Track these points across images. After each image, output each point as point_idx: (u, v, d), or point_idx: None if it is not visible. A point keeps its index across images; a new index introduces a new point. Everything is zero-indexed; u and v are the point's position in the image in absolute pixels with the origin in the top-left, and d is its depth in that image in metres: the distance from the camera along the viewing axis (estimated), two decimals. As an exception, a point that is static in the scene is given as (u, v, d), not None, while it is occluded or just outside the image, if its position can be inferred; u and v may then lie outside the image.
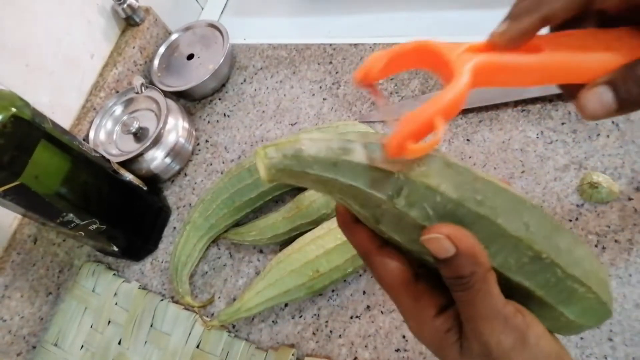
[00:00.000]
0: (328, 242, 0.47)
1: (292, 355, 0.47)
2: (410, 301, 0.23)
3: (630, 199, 0.44)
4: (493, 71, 0.21)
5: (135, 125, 0.62)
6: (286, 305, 0.51)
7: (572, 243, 0.23)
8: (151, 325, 0.54)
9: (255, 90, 0.69)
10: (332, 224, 0.48)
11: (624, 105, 0.20)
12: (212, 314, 0.54)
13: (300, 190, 0.53)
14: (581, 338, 0.40)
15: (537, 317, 0.22)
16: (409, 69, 0.22)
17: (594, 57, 0.21)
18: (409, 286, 0.23)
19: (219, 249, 0.58)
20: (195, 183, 0.64)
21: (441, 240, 0.20)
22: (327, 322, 0.49)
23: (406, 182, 0.21)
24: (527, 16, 0.20)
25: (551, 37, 0.22)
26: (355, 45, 0.66)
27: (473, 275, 0.20)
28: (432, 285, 0.23)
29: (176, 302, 0.55)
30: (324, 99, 0.64)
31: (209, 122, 0.69)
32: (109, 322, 0.56)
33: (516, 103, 0.53)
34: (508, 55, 0.21)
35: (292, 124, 0.63)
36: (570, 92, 0.22)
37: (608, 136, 0.48)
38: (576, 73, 0.22)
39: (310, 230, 0.50)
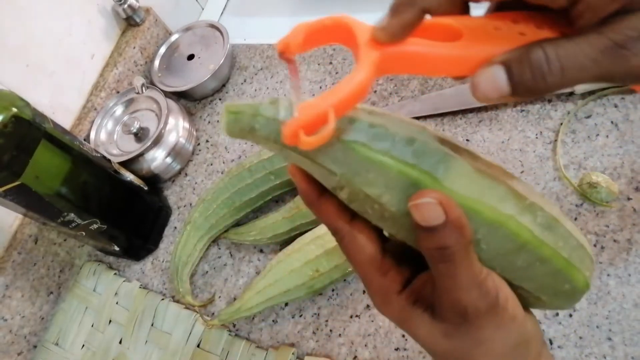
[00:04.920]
0: (328, 241, 0.47)
1: (292, 354, 0.47)
2: (377, 277, 0.23)
3: (629, 199, 0.44)
4: (401, 60, 0.20)
5: (136, 125, 0.62)
6: (286, 304, 0.51)
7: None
8: (152, 325, 0.54)
9: (256, 90, 0.69)
10: (332, 223, 0.48)
11: (517, 90, 0.19)
12: (213, 314, 0.54)
13: (301, 190, 0.54)
14: (580, 337, 0.41)
15: (505, 282, 0.22)
16: (328, 43, 0.22)
17: (510, 47, 0.20)
18: (376, 262, 0.23)
19: (220, 248, 0.58)
20: (196, 183, 0.64)
21: (432, 206, 0.19)
22: (327, 321, 0.49)
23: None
24: (406, 10, 0.19)
25: (478, 23, 0.21)
26: (355, 45, 0.66)
27: (456, 247, 0.20)
28: (398, 259, 0.23)
29: (177, 302, 0.55)
30: (324, 99, 0.64)
31: (209, 122, 0.69)
32: (110, 321, 0.57)
33: (515, 103, 0.53)
34: (417, 45, 0.20)
35: (292, 124, 0.63)
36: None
37: (607, 136, 0.48)
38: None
39: (310, 230, 0.50)
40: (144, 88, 0.65)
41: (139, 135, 0.63)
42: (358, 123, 0.21)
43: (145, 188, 0.60)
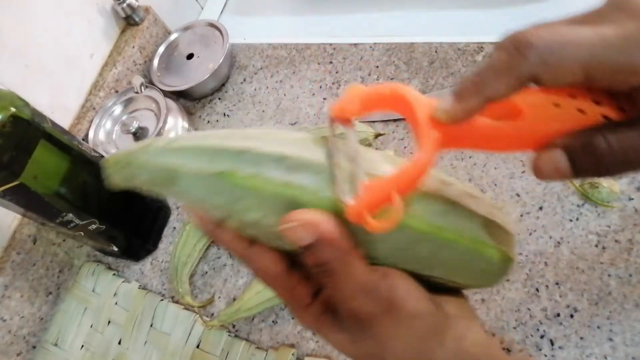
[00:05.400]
0: (328, 242, 0.47)
1: (292, 355, 0.47)
2: (286, 292, 0.24)
3: (630, 199, 0.44)
4: (460, 139, 0.21)
5: (135, 125, 0.62)
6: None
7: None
8: (151, 325, 0.54)
9: (255, 89, 0.69)
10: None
11: (579, 174, 0.19)
12: (212, 314, 0.54)
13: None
14: (581, 338, 0.40)
15: (408, 277, 0.22)
16: (383, 109, 0.22)
17: (569, 125, 0.20)
18: (282, 279, 0.23)
19: (219, 249, 0.58)
20: (195, 183, 0.64)
21: (298, 228, 0.20)
22: (327, 322, 0.49)
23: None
24: (471, 97, 0.20)
25: (535, 97, 0.21)
26: (355, 45, 0.66)
27: (333, 261, 0.21)
28: (306, 274, 0.24)
29: (176, 302, 0.55)
30: (324, 99, 0.64)
31: (208, 121, 0.69)
32: (109, 322, 0.56)
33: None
34: (478, 126, 0.20)
35: (292, 124, 0.63)
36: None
37: (608, 136, 0.48)
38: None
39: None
40: (143, 87, 0.65)
41: (138, 134, 0.63)
42: (226, 152, 0.22)
43: (145, 188, 0.59)
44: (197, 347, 0.51)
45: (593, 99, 0.20)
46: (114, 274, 0.60)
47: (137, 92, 0.65)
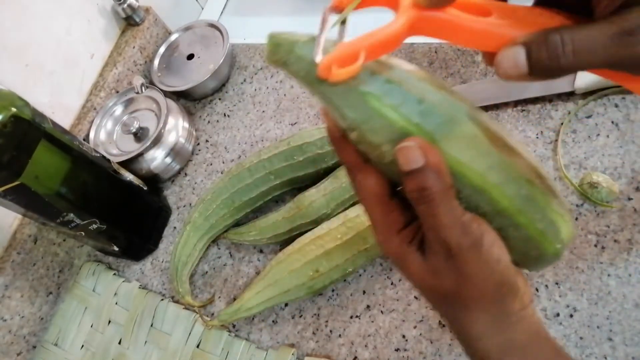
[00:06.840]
0: (328, 242, 0.47)
1: (292, 354, 0.47)
2: (381, 215, 0.26)
3: (630, 199, 0.44)
4: (433, 25, 0.22)
5: (136, 125, 0.62)
6: (286, 305, 0.51)
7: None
8: (151, 325, 0.54)
9: (256, 90, 0.69)
10: (332, 224, 0.48)
11: (534, 69, 0.20)
12: (212, 314, 0.54)
13: (301, 190, 0.53)
14: (581, 338, 0.41)
15: (492, 229, 0.24)
16: (376, 5, 0.24)
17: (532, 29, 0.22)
18: (382, 201, 0.26)
19: (219, 248, 0.58)
20: (196, 183, 0.64)
21: (413, 149, 0.22)
22: (327, 321, 0.49)
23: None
24: None
25: (507, 7, 0.23)
26: (355, 45, 0.66)
27: (435, 189, 0.22)
28: (403, 206, 0.26)
29: (176, 302, 0.55)
30: (324, 99, 0.64)
31: (209, 122, 0.69)
32: (109, 321, 0.56)
33: (516, 103, 0.53)
34: (450, 14, 0.22)
35: (292, 124, 0.63)
36: (490, 59, 0.23)
37: (608, 136, 0.48)
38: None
39: (310, 230, 0.50)
40: (143, 88, 0.65)
41: (139, 135, 0.63)
42: (376, 77, 0.24)
43: (145, 188, 0.60)
44: (197, 346, 0.51)
45: (560, 22, 0.22)
46: (114, 274, 0.60)
47: (137, 93, 0.65)
